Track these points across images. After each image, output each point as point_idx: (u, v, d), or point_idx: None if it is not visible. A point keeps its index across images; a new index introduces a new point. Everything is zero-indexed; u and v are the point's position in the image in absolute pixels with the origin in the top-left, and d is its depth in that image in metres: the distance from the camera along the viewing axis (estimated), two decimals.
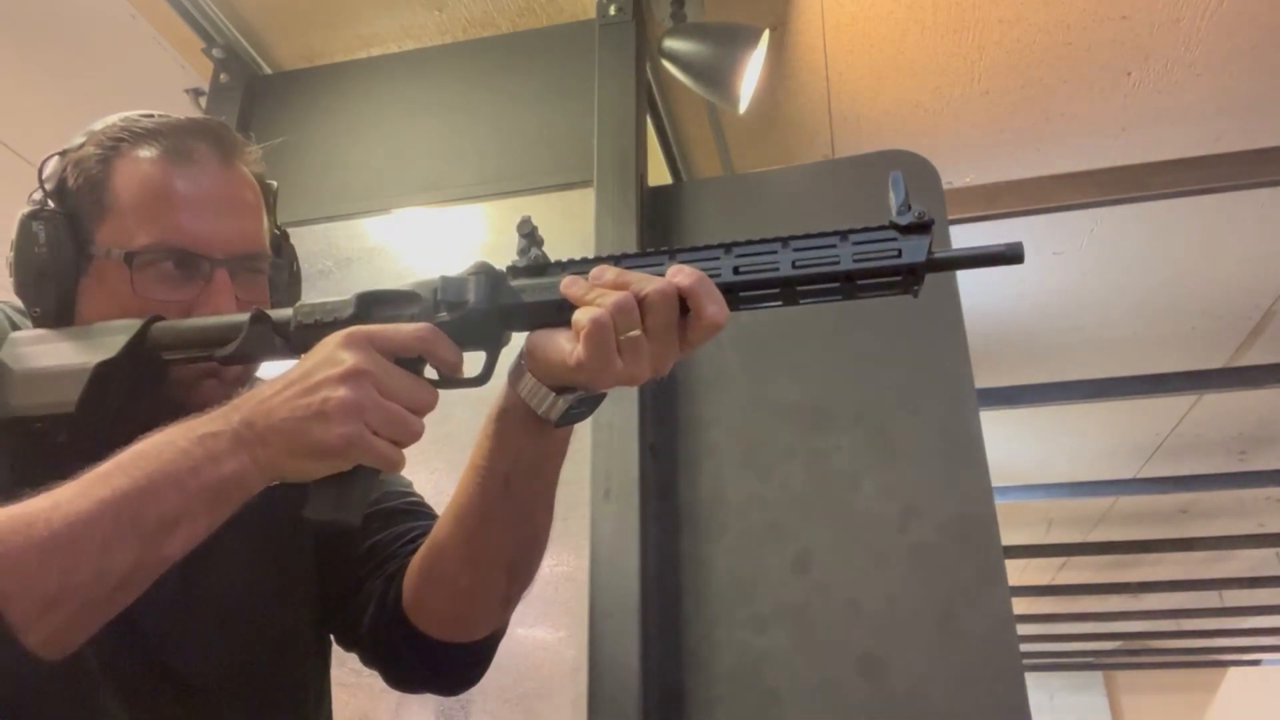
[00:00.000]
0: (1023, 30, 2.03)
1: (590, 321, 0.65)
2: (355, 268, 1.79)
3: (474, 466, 0.79)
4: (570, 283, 0.70)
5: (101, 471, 0.64)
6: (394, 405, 0.66)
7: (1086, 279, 2.96)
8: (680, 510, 1.51)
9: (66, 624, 0.62)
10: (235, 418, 0.66)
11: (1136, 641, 7.91)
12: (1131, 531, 5.45)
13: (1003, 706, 1.27)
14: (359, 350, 0.67)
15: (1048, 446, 4.28)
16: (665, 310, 0.66)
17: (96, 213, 0.82)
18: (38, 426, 0.75)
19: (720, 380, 1.58)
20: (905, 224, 0.66)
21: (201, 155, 0.83)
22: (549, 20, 1.96)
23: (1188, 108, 2.23)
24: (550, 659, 1.43)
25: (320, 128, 1.95)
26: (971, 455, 1.42)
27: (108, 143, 0.83)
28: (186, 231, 0.81)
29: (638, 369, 0.67)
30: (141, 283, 0.80)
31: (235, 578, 0.84)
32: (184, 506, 0.64)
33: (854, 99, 2.24)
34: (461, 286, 0.72)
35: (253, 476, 0.66)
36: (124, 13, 1.99)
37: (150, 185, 0.81)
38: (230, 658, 0.83)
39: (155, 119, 0.85)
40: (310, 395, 0.65)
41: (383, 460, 0.67)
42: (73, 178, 0.83)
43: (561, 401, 0.72)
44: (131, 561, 0.63)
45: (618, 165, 1.66)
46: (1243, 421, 4.00)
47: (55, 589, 0.60)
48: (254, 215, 0.87)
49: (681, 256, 0.70)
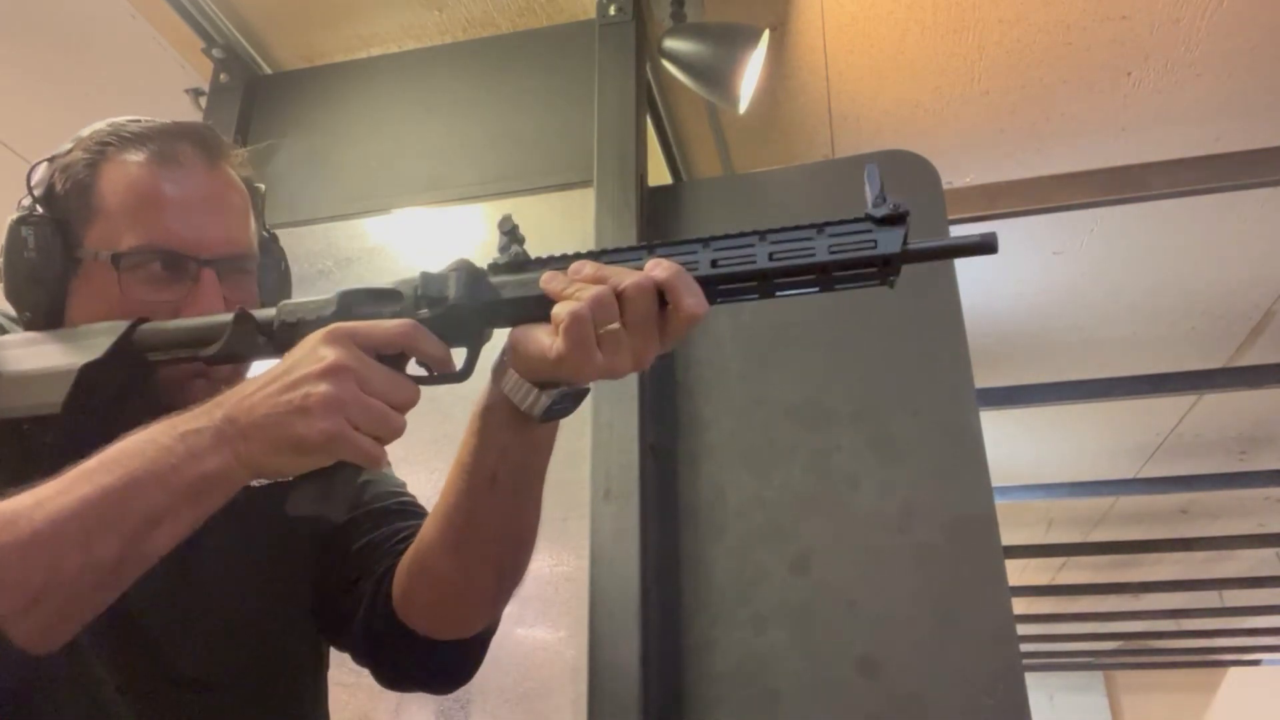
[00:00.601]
0: (1023, 30, 2.03)
1: (569, 315, 0.66)
2: (355, 268, 1.79)
3: (460, 464, 0.80)
4: (549, 278, 0.70)
5: (84, 469, 0.64)
6: (375, 401, 0.67)
7: (1086, 279, 2.96)
8: (680, 510, 1.51)
9: (52, 619, 0.62)
10: (217, 414, 0.66)
11: (1136, 641, 7.90)
12: (1131, 531, 5.45)
13: (1003, 706, 1.27)
14: (341, 346, 0.67)
15: (1048, 446, 4.28)
16: (643, 303, 0.67)
17: (84, 216, 0.82)
18: (25, 428, 0.75)
19: (720, 380, 1.58)
20: (880, 216, 0.67)
21: (188, 158, 0.84)
22: (549, 20, 1.96)
23: (1188, 108, 2.23)
24: (550, 659, 1.43)
25: (320, 128, 1.95)
26: (971, 455, 1.42)
27: (95, 147, 0.84)
28: (173, 233, 0.81)
29: (618, 362, 0.67)
30: (129, 284, 0.81)
31: (231, 577, 0.85)
32: (167, 503, 0.64)
33: (854, 99, 2.24)
34: (442, 283, 0.73)
35: (235, 473, 0.66)
36: (124, 13, 1.99)
37: (137, 188, 0.82)
38: (228, 656, 0.83)
39: (142, 123, 0.86)
40: (292, 391, 0.65)
41: (364, 456, 0.67)
42: (61, 183, 0.84)
43: (544, 397, 0.72)
44: (115, 557, 0.63)
45: (618, 165, 1.66)
46: (1243, 421, 4.00)
47: (39, 584, 0.61)
48: (240, 216, 0.88)
49: (660, 251, 0.71)
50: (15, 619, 0.60)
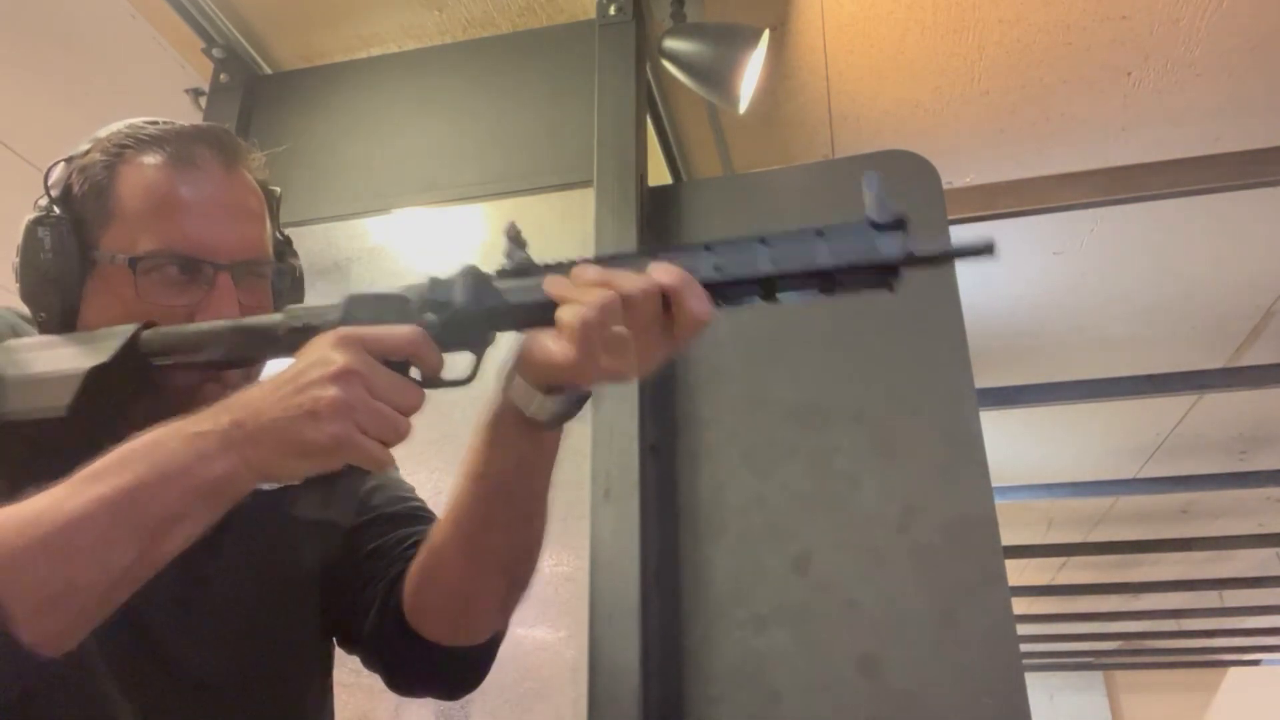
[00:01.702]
0: (1023, 30, 2.03)
1: (574, 318, 0.66)
2: (355, 268, 1.79)
3: (469, 472, 0.80)
4: (553, 281, 0.70)
5: (93, 470, 0.64)
6: (383, 405, 0.67)
7: (1086, 279, 2.96)
8: (680, 510, 1.51)
9: (66, 621, 0.62)
10: (225, 418, 0.66)
11: (1136, 641, 7.90)
12: (1131, 531, 5.45)
13: (1003, 706, 1.28)
14: (349, 351, 0.67)
15: (1048, 446, 4.28)
16: (648, 306, 0.67)
17: (101, 218, 0.82)
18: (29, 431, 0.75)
19: (720, 380, 1.58)
20: (881, 221, 0.67)
21: (205, 161, 0.84)
22: (549, 20, 1.96)
23: (1188, 108, 2.23)
24: (550, 659, 1.43)
25: (320, 128, 1.95)
26: (971, 455, 1.42)
27: (113, 149, 0.84)
28: (190, 237, 0.81)
29: (623, 366, 0.67)
30: (145, 288, 0.80)
31: (240, 579, 0.85)
32: (177, 506, 0.64)
33: (854, 99, 2.24)
34: (448, 288, 0.73)
35: (243, 476, 0.66)
36: (124, 13, 1.99)
37: (154, 191, 0.82)
38: (235, 657, 0.84)
39: (160, 125, 0.86)
40: (300, 395, 0.65)
41: (371, 460, 0.67)
42: (78, 184, 0.83)
43: (550, 402, 0.73)
44: (130, 559, 0.63)
45: (618, 165, 1.66)
46: (1243, 421, 4.00)
47: (56, 587, 0.61)
48: (257, 221, 0.87)
49: (663, 256, 0.71)
50: (29, 621, 0.60)
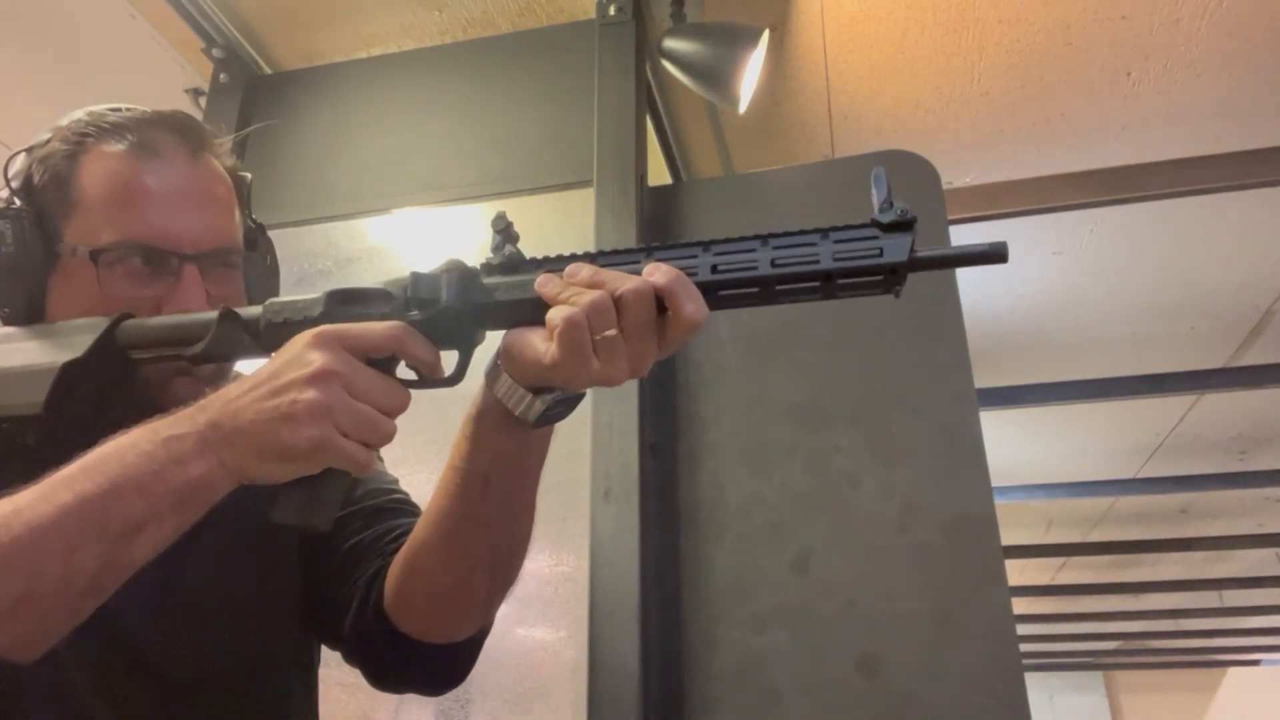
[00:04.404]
0: (1023, 30, 2.03)
1: (564, 320, 0.64)
2: (355, 268, 1.79)
3: (453, 467, 0.78)
4: (545, 281, 0.68)
5: (64, 475, 0.62)
6: (364, 406, 0.65)
7: (1086, 279, 2.96)
8: (680, 510, 1.51)
9: (33, 627, 0.61)
10: (201, 419, 0.65)
11: (1136, 641, 7.91)
12: (1131, 531, 5.45)
13: (1003, 706, 1.27)
14: (328, 350, 0.65)
15: (1048, 446, 4.28)
16: (641, 309, 0.64)
17: (63, 209, 0.80)
18: (4, 427, 0.73)
19: (720, 380, 1.58)
20: (887, 222, 0.64)
21: (169, 149, 0.82)
22: (549, 20, 1.96)
23: (1187, 108, 2.23)
24: (550, 659, 1.43)
25: (320, 128, 1.95)
26: (971, 455, 1.42)
27: (73, 138, 0.82)
28: (154, 227, 0.79)
29: (614, 369, 0.65)
30: (109, 280, 0.79)
31: (216, 576, 0.83)
32: (149, 510, 0.62)
33: (854, 99, 2.24)
34: (434, 284, 0.71)
35: (220, 479, 0.64)
36: (124, 13, 1.99)
37: (117, 181, 0.80)
38: (211, 656, 0.82)
39: (122, 113, 0.84)
40: (278, 397, 0.63)
41: (352, 463, 0.65)
42: (39, 174, 0.81)
43: (539, 402, 0.70)
44: (97, 565, 0.61)
45: (618, 165, 1.66)
46: (1243, 421, 4.00)
47: (19, 594, 0.59)
48: (224, 209, 0.85)
49: (659, 254, 0.68)
50: None
